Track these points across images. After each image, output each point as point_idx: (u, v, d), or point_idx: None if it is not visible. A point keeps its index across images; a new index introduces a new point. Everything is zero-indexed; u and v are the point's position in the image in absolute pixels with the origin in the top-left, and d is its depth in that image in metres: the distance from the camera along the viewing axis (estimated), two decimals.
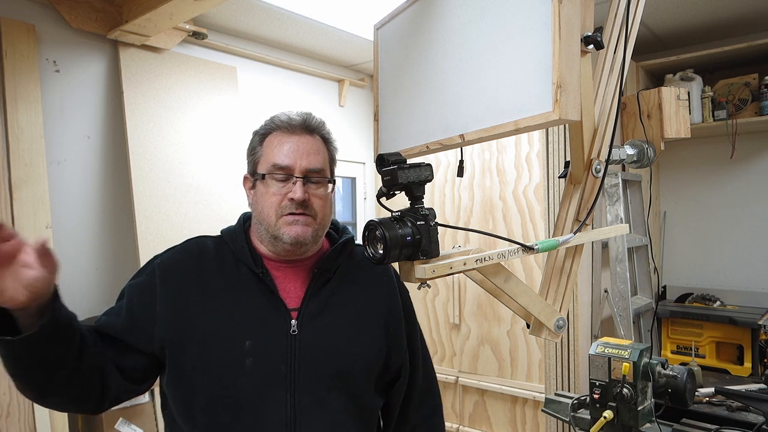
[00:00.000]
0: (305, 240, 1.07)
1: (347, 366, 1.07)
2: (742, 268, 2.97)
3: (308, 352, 1.03)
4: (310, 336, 1.04)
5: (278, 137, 1.09)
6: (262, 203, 1.08)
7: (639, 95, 2.51)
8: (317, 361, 1.04)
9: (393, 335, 1.15)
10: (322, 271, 1.11)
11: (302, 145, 1.08)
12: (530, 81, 0.88)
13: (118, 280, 2.40)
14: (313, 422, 1.01)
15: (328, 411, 1.03)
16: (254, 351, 1.01)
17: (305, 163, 1.07)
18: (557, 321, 1.04)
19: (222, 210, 2.63)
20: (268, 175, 1.07)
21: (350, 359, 1.07)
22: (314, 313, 1.07)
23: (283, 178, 1.06)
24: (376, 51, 1.33)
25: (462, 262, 0.91)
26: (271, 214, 1.06)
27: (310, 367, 1.03)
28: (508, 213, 2.97)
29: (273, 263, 1.11)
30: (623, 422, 1.56)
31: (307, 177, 1.07)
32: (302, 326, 1.04)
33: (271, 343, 1.02)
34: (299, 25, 2.75)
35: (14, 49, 2.07)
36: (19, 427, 1.93)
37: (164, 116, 2.48)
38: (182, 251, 1.14)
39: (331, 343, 1.06)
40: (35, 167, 2.09)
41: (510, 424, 3.00)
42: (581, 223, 1.06)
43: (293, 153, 1.07)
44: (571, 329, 2.37)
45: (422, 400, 1.23)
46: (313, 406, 1.02)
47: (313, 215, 1.07)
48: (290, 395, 1.01)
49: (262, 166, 1.09)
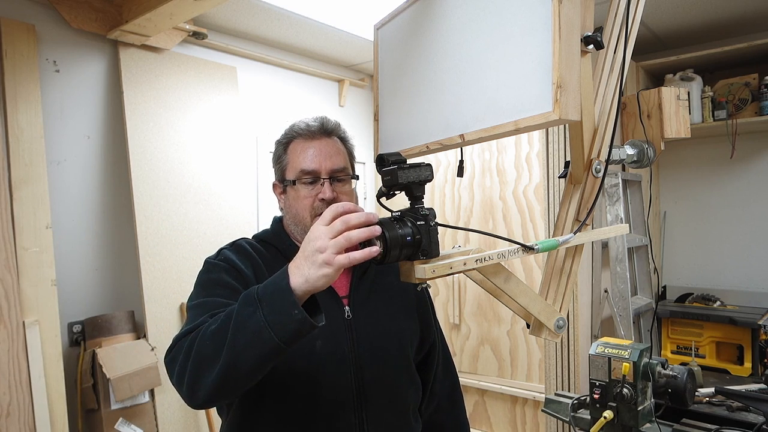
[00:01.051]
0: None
1: (396, 344, 1.19)
2: (742, 268, 2.97)
3: (363, 333, 1.15)
4: (363, 319, 1.16)
5: (300, 144, 1.19)
6: (296, 207, 1.17)
7: (639, 95, 2.51)
8: (371, 340, 1.16)
9: (422, 315, 1.29)
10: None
11: (324, 148, 1.18)
12: (530, 81, 0.88)
13: (118, 280, 2.40)
14: (375, 396, 1.13)
15: (387, 385, 1.16)
16: (321, 334, 1.07)
17: (329, 165, 1.16)
18: (557, 321, 1.04)
19: (222, 210, 2.63)
20: (298, 180, 1.17)
21: (398, 338, 1.20)
22: (362, 299, 1.19)
23: (311, 181, 1.16)
24: (376, 51, 1.33)
25: (462, 262, 0.91)
26: (306, 216, 1.16)
27: (367, 346, 1.15)
28: (508, 213, 2.97)
29: None
30: (623, 422, 1.56)
31: (332, 177, 1.17)
32: (354, 311, 1.16)
33: (332, 327, 1.12)
34: (299, 25, 2.75)
35: (14, 49, 2.07)
36: (19, 427, 1.93)
37: (164, 116, 2.48)
38: (239, 247, 1.19)
39: (379, 324, 1.18)
40: (35, 167, 2.09)
41: (510, 424, 3.00)
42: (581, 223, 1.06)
43: (317, 157, 1.16)
44: (571, 329, 2.37)
45: (444, 375, 1.36)
46: (374, 382, 1.14)
47: None
48: (354, 373, 1.12)
49: (290, 173, 1.18)
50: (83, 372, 2.18)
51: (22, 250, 2.02)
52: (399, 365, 1.20)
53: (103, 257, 2.37)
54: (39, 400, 1.98)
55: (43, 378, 2.01)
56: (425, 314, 1.31)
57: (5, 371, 1.92)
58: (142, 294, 2.30)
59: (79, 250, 2.30)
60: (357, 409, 1.11)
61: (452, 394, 1.38)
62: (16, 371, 1.95)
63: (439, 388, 1.35)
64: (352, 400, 1.11)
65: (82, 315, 2.28)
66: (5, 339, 1.94)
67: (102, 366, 2.11)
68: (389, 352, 1.18)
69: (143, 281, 2.30)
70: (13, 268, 1.97)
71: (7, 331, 1.94)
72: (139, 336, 2.33)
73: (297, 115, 3.24)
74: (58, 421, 2.04)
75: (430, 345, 1.32)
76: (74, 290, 2.27)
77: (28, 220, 2.05)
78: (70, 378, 2.18)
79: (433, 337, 1.32)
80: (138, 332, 2.35)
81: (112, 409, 2.13)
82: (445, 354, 1.38)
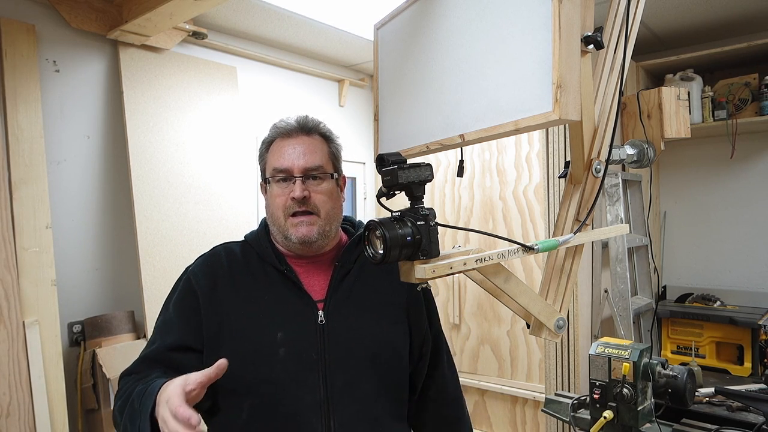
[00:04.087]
0: (312, 238, 1.14)
1: (373, 350, 1.15)
2: (742, 268, 2.97)
3: (336, 339, 1.12)
4: (337, 324, 1.13)
5: (279, 143, 1.18)
6: (271, 206, 1.16)
7: (639, 95, 2.51)
8: (345, 346, 1.12)
9: (414, 318, 1.23)
10: (342, 263, 1.19)
11: (299, 146, 1.16)
12: (530, 81, 0.88)
13: (118, 280, 2.40)
14: (345, 403, 1.10)
15: (358, 392, 1.12)
16: (286, 341, 1.10)
17: (302, 162, 1.14)
18: (557, 321, 1.04)
19: (222, 210, 2.63)
20: (271, 178, 1.15)
21: (376, 343, 1.16)
22: (339, 303, 1.15)
23: (284, 180, 1.14)
24: (376, 51, 1.33)
25: (462, 262, 0.91)
26: (279, 215, 1.14)
27: (339, 352, 1.12)
28: (508, 213, 2.97)
29: (295, 260, 1.19)
30: (623, 422, 1.56)
31: (306, 175, 1.13)
32: (329, 316, 1.13)
33: (301, 333, 1.11)
34: (299, 25, 2.75)
35: (14, 49, 2.07)
36: (19, 427, 1.93)
37: (164, 116, 2.48)
38: (211, 257, 1.21)
39: (356, 330, 1.15)
40: (35, 167, 2.09)
41: (510, 424, 3.00)
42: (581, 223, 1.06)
43: (291, 155, 1.14)
44: (571, 329, 2.37)
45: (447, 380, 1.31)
46: (345, 389, 1.11)
47: (316, 212, 1.14)
48: (323, 379, 1.10)
49: (267, 172, 1.18)
50: (83, 372, 2.18)
51: (22, 250, 2.02)
52: (374, 372, 1.15)
53: (103, 257, 2.37)
54: (39, 400, 1.98)
55: (43, 378, 2.01)
56: (417, 316, 1.24)
57: (5, 371, 1.92)
58: (142, 294, 2.30)
59: (79, 250, 2.30)
60: (324, 416, 1.08)
61: (455, 399, 1.34)
62: (16, 371, 1.95)
63: (441, 392, 1.30)
64: (319, 408, 1.08)
65: (82, 315, 2.28)
66: (5, 339, 1.94)
67: (102, 366, 2.11)
68: (363, 358, 1.14)
69: (143, 281, 2.30)
70: (13, 268, 1.97)
71: (7, 331, 1.94)
72: (139, 336, 2.33)
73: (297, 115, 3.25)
74: (58, 421, 2.04)
75: (421, 348, 1.25)
76: (74, 290, 2.27)
77: (28, 220, 2.05)
78: (70, 378, 2.18)
79: (423, 342, 1.25)
80: (138, 332, 2.35)
81: (112, 409, 2.13)
82: (448, 357, 1.33)
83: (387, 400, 1.17)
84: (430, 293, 1.33)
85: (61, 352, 2.09)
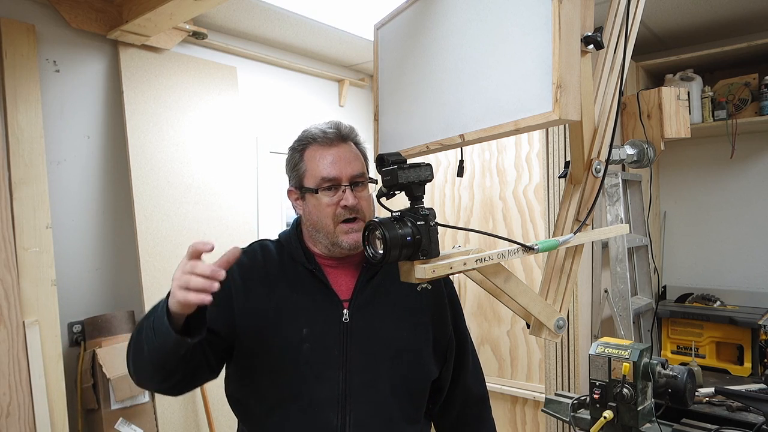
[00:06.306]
0: (361, 244, 1.16)
1: (394, 351, 1.18)
2: (742, 268, 2.97)
3: (358, 337, 1.16)
4: (361, 323, 1.17)
5: (318, 151, 1.19)
6: (317, 214, 1.18)
7: (639, 95, 2.51)
8: (366, 346, 1.16)
9: (438, 320, 1.26)
10: (370, 265, 1.21)
11: (342, 154, 1.18)
12: (530, 81, 0.88)
13: (118, 280, 2.40)
14: (362, 401, 1.14)
15: (375, 391, 1.16)
16: (310, 337, 1.15)
17: (349, 171, 1.17)
18: (557, 321, 1.04)
19: (222, 210, 2.63)
20: (319, 188, 1.17)
21: (397, 345, 1.19)
22: (364, 303, 1.19)
23: (332, 189, 1.16)
24: (376, 51, 1.33)
25: (462, 262, 0.91)
26: (329, 223, 1.16)
27: (361, 350, 1.16)
28: (508, 213, 2.97)
29: (325, 261, 1.23)
30: (623, 422, 1.56)
31: (352, 183, 1.17)
32: (353, 315, 1.17)
33: (325, 330, 1.15)
34: (299, 25, 2.75)
35: (14, 49, 2.07)
36: (19, 427, 1.93)
37: (164, 116, 2.48)
38: (248, 253, 1.25)
39: (379, 329, 1.18)
40: (35, 167, 2.09)
41: (510, 424, 3.00)
42: (581, 223, 1.06)
43: (337, 164, 1.17)
44: (571, 329, 2.37)
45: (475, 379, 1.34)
46: (362, 386, 1.14)
47: (362, 218, 1.18)
48: (342, 376, 1.14)
49: (309, 180, 1.18)
50: (83, 372, 2.18)
51: (22, 250, 2.02)
52: (393, 373, 1.18)
53: (103, 257, 2.37)
54: (39, 400, 1.98)
55: (43, 378, 2.01)
56: (442, 319, 1.27)
57: (5, 371, 1.92)
58: (142, 294, 2.30)
59: (79, 250, 2.30)
60: (341, 412, 1.13)
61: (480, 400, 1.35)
62: (16, 371, 1.95)
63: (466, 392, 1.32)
64: (337, 402, 1.13)
65: (82, 315, 2.28)
66: (5, 339, 1.94)
67: (102, 366, 2.11)
68: (383, 359, 1.17)
69: (143, 281, 2.30)
70: (13, 268, 1.97)
71: (7, 331, 1.94)
72: None
73: (297, 115, 3.25)
74: (58, 421, 2.04)
75: (446, 351, 1.28)
76: (74, 290, 2.27)
77: (28, 220, 2.05)
78: (70, 378, 2.18)
79: (447, 344, 1.28)
80: None
81: (112, 409, 2.13)
82: (473, 359, 1.35)
83: (403, 402, 1.20)
84: (456, 296, 1.34)
85: (61, 352, 2.09)
